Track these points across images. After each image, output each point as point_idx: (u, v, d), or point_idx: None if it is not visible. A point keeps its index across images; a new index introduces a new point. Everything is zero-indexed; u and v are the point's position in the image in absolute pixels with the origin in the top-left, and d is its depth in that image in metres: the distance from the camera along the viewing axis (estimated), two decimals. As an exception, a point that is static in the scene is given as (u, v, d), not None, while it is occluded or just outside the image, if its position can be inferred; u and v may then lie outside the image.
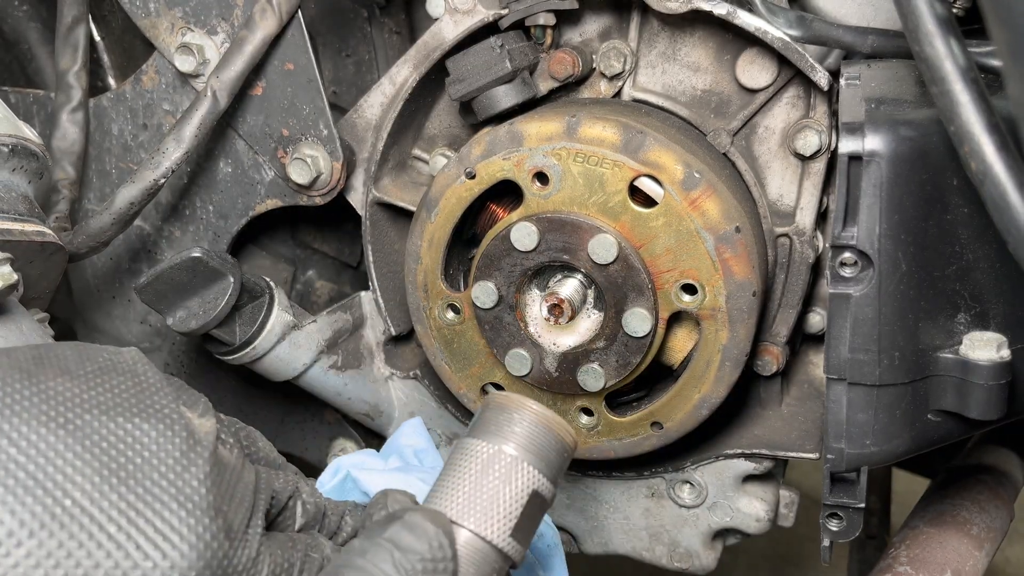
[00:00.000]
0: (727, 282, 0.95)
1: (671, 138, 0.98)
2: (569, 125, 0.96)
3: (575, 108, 1.00)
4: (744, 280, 0.95)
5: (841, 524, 0.89)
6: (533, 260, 1.00)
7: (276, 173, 1.12)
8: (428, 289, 1.07)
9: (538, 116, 0.99)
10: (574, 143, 0.96)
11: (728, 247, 0.95)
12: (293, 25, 1.04)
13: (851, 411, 0.84)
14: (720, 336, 0.97)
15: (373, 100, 1.11)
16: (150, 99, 1.15)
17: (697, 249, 0.95)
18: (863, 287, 0.80)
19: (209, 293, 1.04)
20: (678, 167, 0.95)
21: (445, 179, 1.02)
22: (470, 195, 1.01)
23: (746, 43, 1.00)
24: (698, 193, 0.94)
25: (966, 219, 0.81)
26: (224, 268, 1.03)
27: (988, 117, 0.69)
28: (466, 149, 1.01)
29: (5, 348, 0.65)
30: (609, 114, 0.98)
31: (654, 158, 0.95)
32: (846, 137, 0.80)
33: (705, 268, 0.95)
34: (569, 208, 0.97)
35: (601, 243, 0.96)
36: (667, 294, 0.97)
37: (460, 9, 1.02)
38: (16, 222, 0.90)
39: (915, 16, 0.70)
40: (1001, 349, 0.81)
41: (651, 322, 0.97)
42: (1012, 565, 2.33)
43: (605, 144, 0.95)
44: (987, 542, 1.07)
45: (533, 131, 0.97)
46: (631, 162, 0.95)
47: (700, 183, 0.94)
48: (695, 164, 0.96)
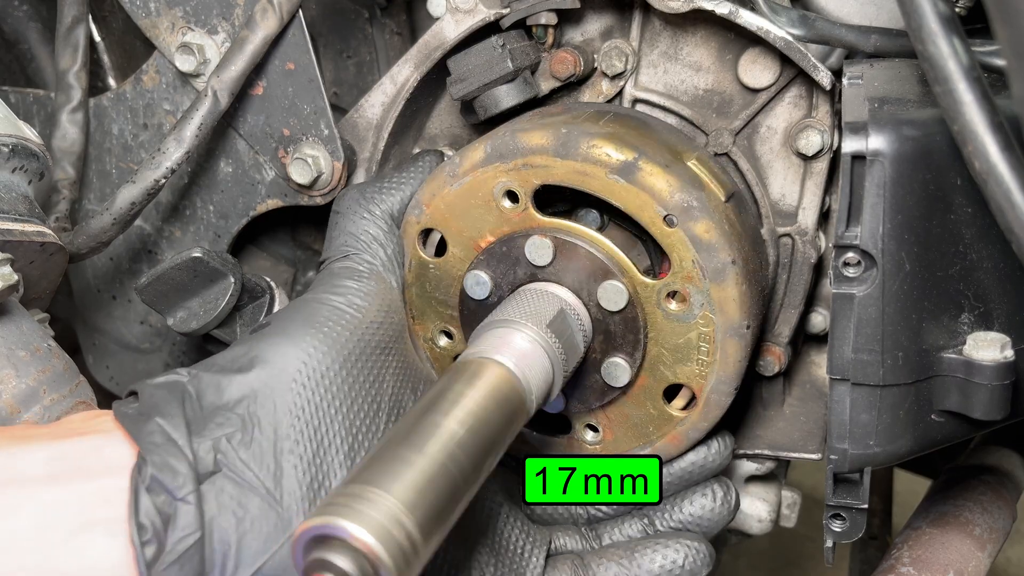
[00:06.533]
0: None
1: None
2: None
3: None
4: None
5: (844, 525, 0.89)
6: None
7: (277, 173, 1.12)
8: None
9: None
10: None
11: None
12: (294, 25, 1.04)
13: (854, 411, 0.83)
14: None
15: (374, 100, 1.10)
16: (150, 99, 1.14)
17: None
18: (867, 287, 0.80)
19: (210, 293, 1.04)
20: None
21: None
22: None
23: (748, 42, 1.00)
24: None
25: (969, 219, 0.80)
26: (225, 268, 1.02)
27: (991, 116, 0.68)
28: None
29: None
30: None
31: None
32: (849, 137, 0.80)
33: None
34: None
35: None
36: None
37: (461, 8, 1.02)
38: (16, 222, 0.90)
39: (918, 15, 0.70)
40: (1005, 349, 0.80)
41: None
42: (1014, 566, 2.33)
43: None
44: (989, 543, 1.07)
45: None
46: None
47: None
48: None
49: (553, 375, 0.87)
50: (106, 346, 1.31)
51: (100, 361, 1.32)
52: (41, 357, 0.90)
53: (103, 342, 1.30)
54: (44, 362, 0.90)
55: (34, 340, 0.91)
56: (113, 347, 1.30)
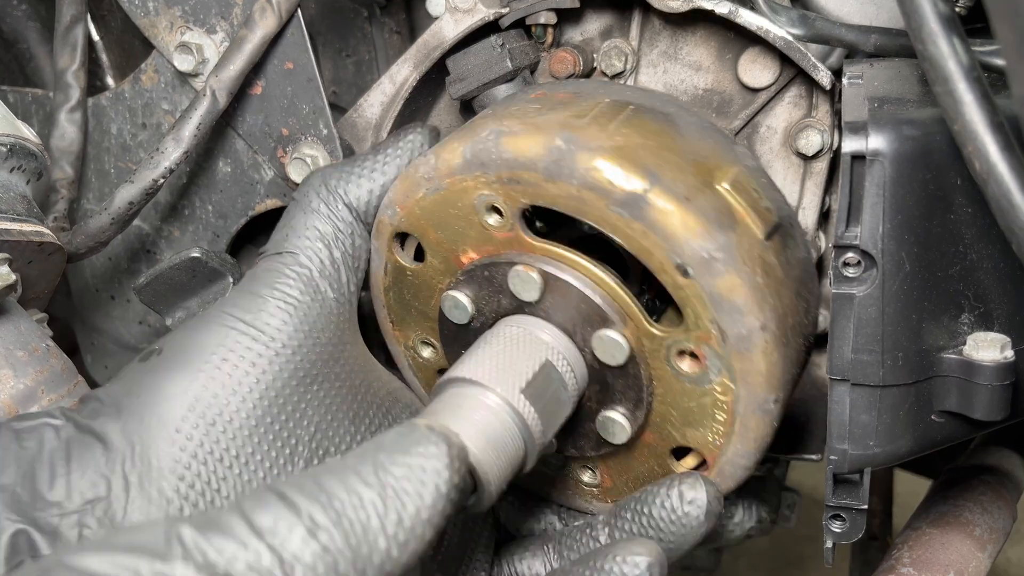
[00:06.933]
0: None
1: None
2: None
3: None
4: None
5: (844, 526, 0.88)
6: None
7: (276, 173, 1.12)
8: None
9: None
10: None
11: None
12: (293, 24, 1.04)
13: (854, 412, 0.83)
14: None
15: (373, 99, 1.10)
16: (149, 98, 1.14)
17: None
18: (866, 287, 0.80)
19: (208, 293, 1.04)
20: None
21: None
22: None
23: (748, 42, 1.00)
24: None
25: (969, 219, 0.80)
26: (223, 268, 1.02)
27: (992, 116, 0.68)
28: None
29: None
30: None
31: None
32: (849, 136, 0.79)
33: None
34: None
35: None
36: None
37: (461, 8, 1.02)
38: (15, 222, 0.90)
39: (918, 15, 0.70)
40: (1005, 350, 0.80)
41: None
42: (1015, 566, 2.33)
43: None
44: (990, 543, 1.06)
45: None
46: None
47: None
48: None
49: (525, 452, 0.75)
50: (105, 346, 1.30)
51: (99, 361, 1.32)
52: (39, 357, 0.90)
53: (102, 342, 1.30)
54: (42, 362, 0.90)
55: (32, 340, 0.90)
56: (112, 347, 1.30)
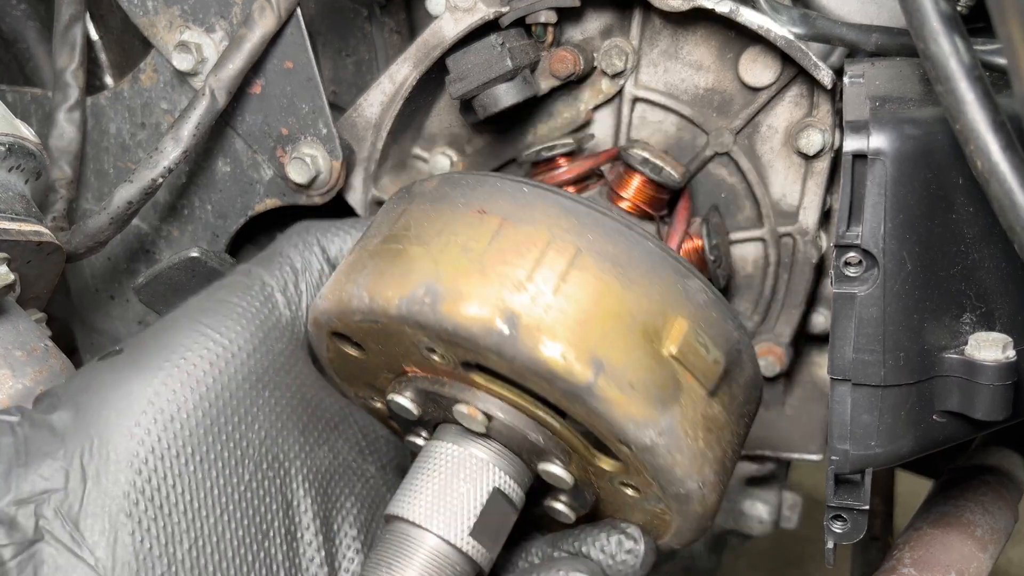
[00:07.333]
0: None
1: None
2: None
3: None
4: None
5: (845, 526, 0.88)
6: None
7: (275, 172, 1.11)
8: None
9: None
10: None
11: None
12: (292, 23, 1.04)
13: (855, 412, 0.83)
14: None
15: (373, 99, 1.10)
16: (148, 98, 1.14)
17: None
18: (868, 287, 0.80)
19: (208, 293, 1.03)
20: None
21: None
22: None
23: (749, 41, 1.00)
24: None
25: (971, 218, 0.80)
26: (222, 268, 1.02)
27: (993, 115, 0.68)
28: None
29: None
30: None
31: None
32: (850, 136, 0.79)
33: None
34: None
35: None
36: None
37: (461, 7, 1.02)
38: (13, 222, 0.90)
39: (920, 14, 0.70)
40: (1007, 349, 0.80)
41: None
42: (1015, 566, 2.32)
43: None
44: (991, 544, 1.06)
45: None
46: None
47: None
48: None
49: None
50: (104, 346, 1.30)
51: (98, 361, 1.31)
52: (38, 357, 0.89)
53: (101, 342, 1.30)
54: (41, 362, 0.89)
55: (31, 340, 0.90)
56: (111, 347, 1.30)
